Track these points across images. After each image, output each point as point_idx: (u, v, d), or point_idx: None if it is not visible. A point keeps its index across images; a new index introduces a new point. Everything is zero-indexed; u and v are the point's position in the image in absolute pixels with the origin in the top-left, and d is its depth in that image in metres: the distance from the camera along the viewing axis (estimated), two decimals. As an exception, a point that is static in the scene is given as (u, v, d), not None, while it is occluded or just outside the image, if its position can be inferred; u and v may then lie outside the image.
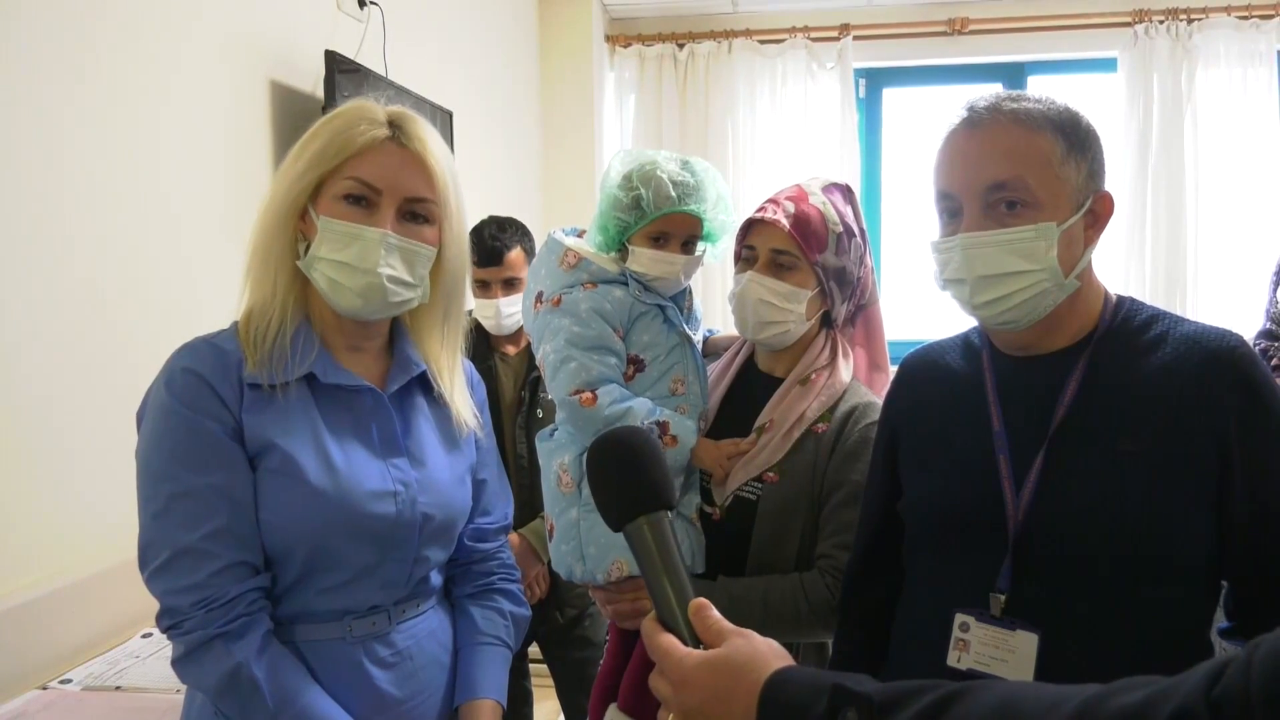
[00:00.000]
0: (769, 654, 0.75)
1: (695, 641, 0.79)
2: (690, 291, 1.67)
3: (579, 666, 2.32)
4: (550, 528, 1.58)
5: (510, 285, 2.31)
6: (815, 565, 1.45)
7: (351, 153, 1.11)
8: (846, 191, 1.57)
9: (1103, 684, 0.61)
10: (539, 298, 1.59)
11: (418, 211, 1.16)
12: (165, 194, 1.90)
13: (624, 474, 0.85)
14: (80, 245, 1.68)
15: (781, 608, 1.42)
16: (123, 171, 1.79)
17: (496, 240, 2.31)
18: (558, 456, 1.56)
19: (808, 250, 1.47)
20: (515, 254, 2.33)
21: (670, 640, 0.78)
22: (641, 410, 1.48)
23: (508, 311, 2.30)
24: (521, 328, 2.34)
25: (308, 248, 1.14)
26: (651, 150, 1.57)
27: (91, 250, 1.71)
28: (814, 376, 1.52)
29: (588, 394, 1.48)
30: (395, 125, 1.15)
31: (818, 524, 1.47)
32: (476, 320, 2.39)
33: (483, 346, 2.33)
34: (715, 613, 0.79)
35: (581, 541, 1.51)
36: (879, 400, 1.50)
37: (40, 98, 1.60)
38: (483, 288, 2.33)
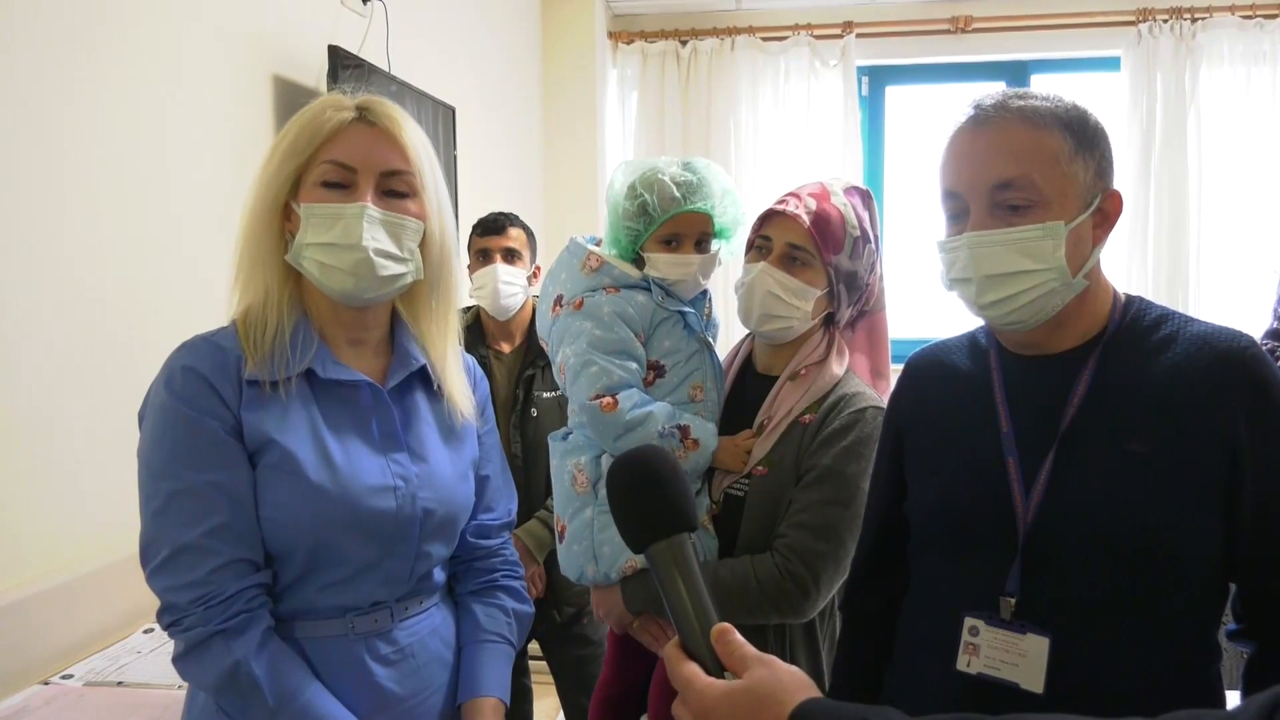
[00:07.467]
0: (793, 684, 0.73)
1: (719, 668, 0.76)
2: (710, 297, 1.66)
3: (578, 664, 2.33)
4: (561, 530, 1.57)
5: (510, 257, 2.35)
6: (770, 546, 1.44)
7: (322, 139, 1.13)
8: (866, 197, 1.57)
9: (1150, 718, 0.59)
10: (558, 301, 1.59)
11: (395, 187, 1.16)
12: (167, 190, 1.89)
13: (644, 496, 0.83)
14: (81, 242, 1.68)
15: (731, 585, 1.41)
16: (124, 167, 1.78)
17: (500, 214, 2.40)
18: (573, 457, 1.55)
19: (824, 249, 1.47)
20: (516, 230, 2.40)
21: (693, 669, 0.76)
22: (662, 415, 1.47)
23: (506, 279, 2.30)
24: (512, 323, 2.35)
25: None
26: (651, 158, 1.58)
27: (92, 247, 1.70)
28: (804, 371, 1.51)
29: (608, 399, 1.47)
30: (362, 108, 1.17)
31: None
32: (475, 315, 2.39)
33: (478, 343, 2.33)
34: (738, 637, 0.77)
35: (595, 542, 1.50)
36: (868, 390, 1.50)
37: (41, 94, 1.59)
38: (484, 257, 2.35)
